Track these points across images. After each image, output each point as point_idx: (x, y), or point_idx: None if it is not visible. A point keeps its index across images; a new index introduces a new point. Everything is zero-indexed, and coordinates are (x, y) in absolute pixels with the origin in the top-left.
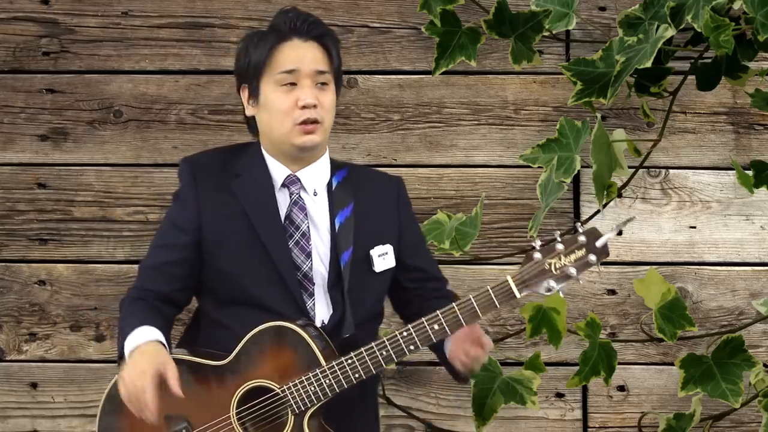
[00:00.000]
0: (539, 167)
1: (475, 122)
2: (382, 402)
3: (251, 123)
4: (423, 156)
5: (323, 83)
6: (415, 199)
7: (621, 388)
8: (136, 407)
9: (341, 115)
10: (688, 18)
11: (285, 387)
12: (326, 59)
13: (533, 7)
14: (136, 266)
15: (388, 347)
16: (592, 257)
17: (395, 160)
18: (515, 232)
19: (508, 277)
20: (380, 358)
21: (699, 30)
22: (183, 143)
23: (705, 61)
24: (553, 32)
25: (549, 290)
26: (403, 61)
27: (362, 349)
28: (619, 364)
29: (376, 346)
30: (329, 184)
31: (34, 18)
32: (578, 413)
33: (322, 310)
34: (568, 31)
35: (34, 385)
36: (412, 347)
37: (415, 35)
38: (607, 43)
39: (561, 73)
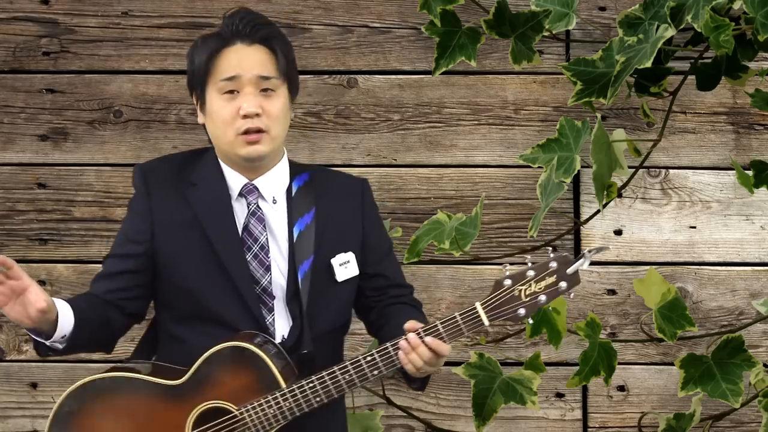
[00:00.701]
0: (539, 167)
1: (475, 122)
2: (382, 402)
3: (206, 130)
4: (423, 156)
5: (269, 89)
6: (415, 199)
7: (621, 388)
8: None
9: (341, 115)
10: (688, 18)
11: (243, 409)
12: (272, 63)
13: (533, 7)
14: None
15: (351, 372)
16: (563, 284)
17: (395, 160)
18: (515, 232)
19: (477, 305)
20: (342, 382)
21: (699, 30)
22: (183, 143)
23: (705, 61)
24: (553, 32)
25: (518, 318)
26: (403, 61)
27: (324, 373)
28: (619, 364)
29: (339, 370)
30: (289, 190)
31: (34, 18)
32: (578, 413)
33: (282, 325)
34: (568, 31)
35: (34, 385)
36: (376, 372)
37: (415, 35)
38: (607, 43)
39: (561, 73)
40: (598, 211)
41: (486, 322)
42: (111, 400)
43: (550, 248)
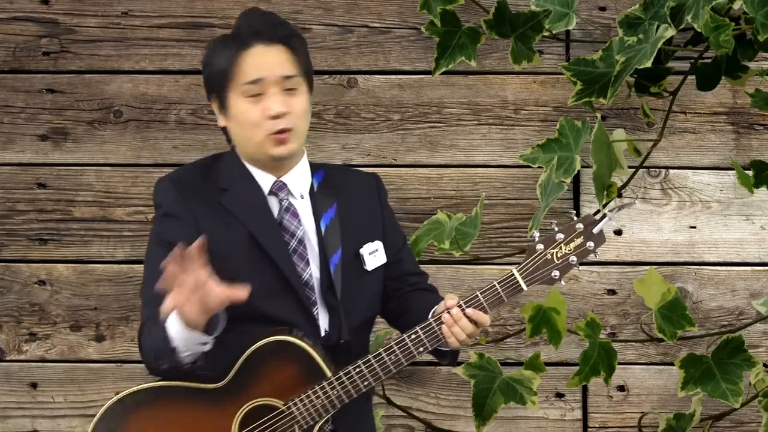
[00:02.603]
0: (539, 167)
1: (475, 122)
2: (382, 402)
3: (227, 133)
4: (423, 156)
5: (292, 88)
6: (415, 199)
7: (621, 388)
8: (210, 301)
9: (341, 116)
10: (688, 18)
11: (290, 403)
12: (293, 62)
13: (533, 7)
14: (136, 266)
15: (397, 352)
16: (591, 244)
17: (395, 160)
18: (515, 232)
19: (514, 271)
20: (389, 363)
21: (699, 30)
22: (183, 143)
23: (705, 61)
24: (553, 32)
25: (553, 280)
26: (403, 61)
27: (370, 356)
28: (619, 364)
29: (385, 352)
30: (311, 187)
31: (34, 18)
32: (578, 413)
33: (323, 318)
34: (568, 31)
35: (34, 385)
36: (421, 349)
37: (415, 35)
38: (607, 43)
39: (561, 73)
40: (598, 211)
41: (524, 287)
42: (152, 411)
43: (574, 211)
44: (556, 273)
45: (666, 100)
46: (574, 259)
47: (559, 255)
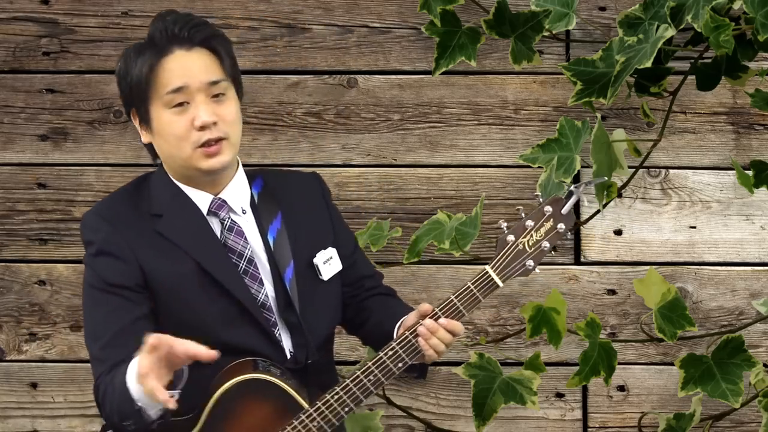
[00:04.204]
0: (539, 167)
1: (475, 122)
2: (382, 402)
3: (151, 150)
4: (423, 156)
5: (219, 94)
6: (415, 199)
7: (621, 388)
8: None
9: (341, 115)
10: (688, 18)
11: None
12: (218, 66)
13: (533, 7)
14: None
15: (375, 371)
16: (561, 226)
17: (395, 160)
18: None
19: (488, 268)
20: (368, 384)
21: (699, 30)
22: None
23: (705, 61)
24: (553, 32)
25: (528, 270)
26: (403, 61)
27: (347, 380)
28: (619, 364)
29: (362, 373)
30: (251, 199)
31: (34, 18)
32: (578, 413)
33: (286, 339)
34: (568, 31)
35: (34, 385)
36: (401, 365)
37: (415, 35)
38: (607, 43)
39: (561, 73)
40: (598, 211)
41: (500, 284)
42: None
43: (538, 194)
44: (530, 263)
45: (666, 100)
46: (547, 244)
47: (531, 243)
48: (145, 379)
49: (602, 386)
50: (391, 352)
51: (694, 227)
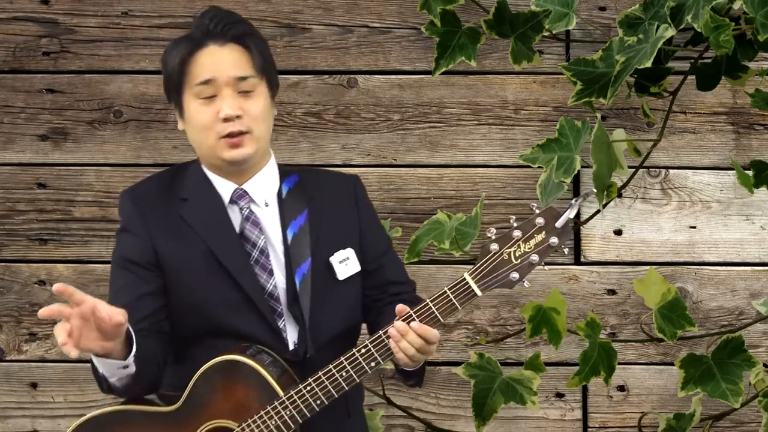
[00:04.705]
0: (539, 167)
1: (475, 122)
2: (382, 402)
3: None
4: (423, 156)
5: (247, 90)
6: (415, 199)
7: (621, 388)
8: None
9: (341, 115)
10: (688, 18)
11: (244, 425)
12: (248, 62)
13: (533, 7)
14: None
15: (347, 367)
16: (554, 240)
17: (395, 160)
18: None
19: (466, 275)
20: (340, 380)
21: (699, 30)
22: (183, 143)
23: (705, 61)
24: (553, 32)
25: (513, 283)
26: (403, 61)
27: (320, 372)
28: (619, 364)
29: (335, 367)
30: (279, 193)
31: (34, 18)
32: (578, 413)
33: (291, 331)
34: (568, 31)
35: (34, 385)
36: (373, 364)
37: (415, 35)
38: (607, 43)
39: (561, 73)
40: (598, 211)
41: (478, 292)
42: None
43: (534, 204)
44: (515, 275)
45: (666, 100)
46: (536, 257)
47: (517, 254)
48: (56, 328)
49: (602, 386)
50: (364, 350)
51: (694, 227)
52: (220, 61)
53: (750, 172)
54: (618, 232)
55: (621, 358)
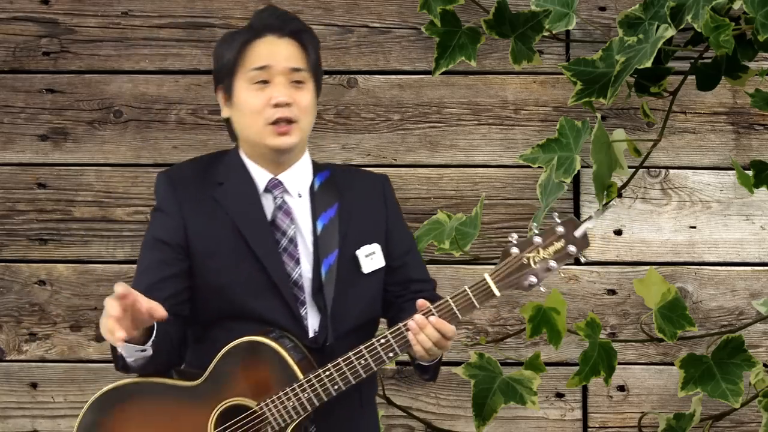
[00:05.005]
0: (539, 167)
1: (475, 122)
2: (382, 402)
3: (230, 126)
4: (423, 156)
5: (299, 81)
6: (415, 199)
7: (621, 388)
8: (108, 336)
9: (341, 115)
10: (688, 18)
11: (262, 404)
12: (302, 56)
13: (533, 7)
14: (135, 266)
15: (366, 356)
16: (572, 248)
17: (395, 160)
18: (515, 232)
19: (486, 276)
20: (359, 367)
21: (699, 30)
22: (183, 143)
23: (705, 61)
24: (553, 32)
25: (530, 286)
26: (403, 61)
27: (339, 359)
28: (619, 364)
29: (354, 355)
30: (311, 186)
31: (34, 18)
32: (578, 413)
33: (313, 319)
34: (568, 31)
35: (34, 385)
36: (391, 354)
37: (415, 35)
38: (607, 43)
39: (561, 73)
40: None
41: (497, 293)
42: (133, 406)
43: (555, 213)
44: (533, 279)
45: (666, 100)
46: (554, 264)
47: (537, 259)
48: (106, 319)
49: (602, 386)
50: (383, 340)
51: (694, 227)
52: (276, 50)
53: (750, 172)
54: (618, 232)
55: (621, 358)
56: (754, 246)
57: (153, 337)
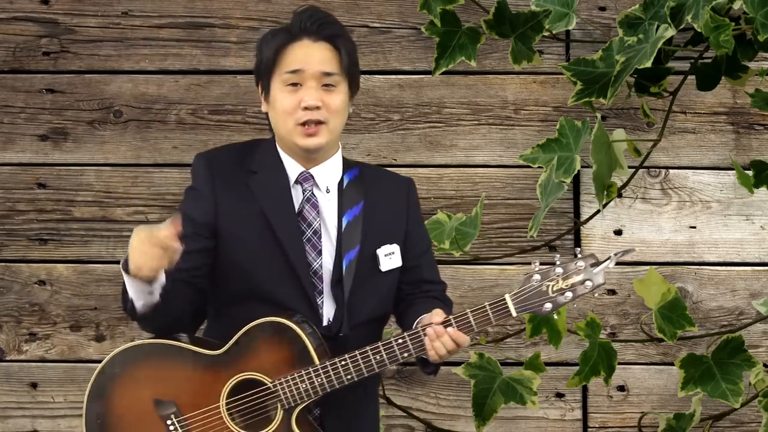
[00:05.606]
0: (539, 167)
1: (475, 122)
2: (382, 402)
3: (268, 119)
4: (423, 156)
5: (330, 85)
6: None
7: (621, 388)
8: (151, 255)
9: None
10: (688, 18)
11: (276, 382)
12: (336, 60)
13: (533, 7)
14: None
15: (382, 352)
16: (588, 283)
17: (395, 160)
18: (515, 232)
19: (507, 296)
20: (373, 362)
21: (699, 30)
22: (183, 143)
23: (705, 61)
24: (553, 32)
25: (546, 312)
26: (403, 61)
27: (357, 352)
28: (619, 364)
29: (371, 350)
30: (340, 182)
31: (34, 18)
32: (578, 413)
33: (328, 308)
34: (568, 31)
35: (34, 385)
36: (405, 354)
37: (415, 35)
38: (607, 43)
39: (561, 73)
40: (598, 211)
41: (514, 314)
42: (150, 365)
43: (579, 249)
44: (548, 305)
45: (666, 100)
46: (570, 295)
47: (554, 288)
48: (155, 234)
49: (602, 386)
50: (401, 340)
51: (694, 227)
52: (310, 55)
53: (750, 172)
54: (618, 232)
55: (621, 358)
56: (754, 246)
57: (160, 281)
